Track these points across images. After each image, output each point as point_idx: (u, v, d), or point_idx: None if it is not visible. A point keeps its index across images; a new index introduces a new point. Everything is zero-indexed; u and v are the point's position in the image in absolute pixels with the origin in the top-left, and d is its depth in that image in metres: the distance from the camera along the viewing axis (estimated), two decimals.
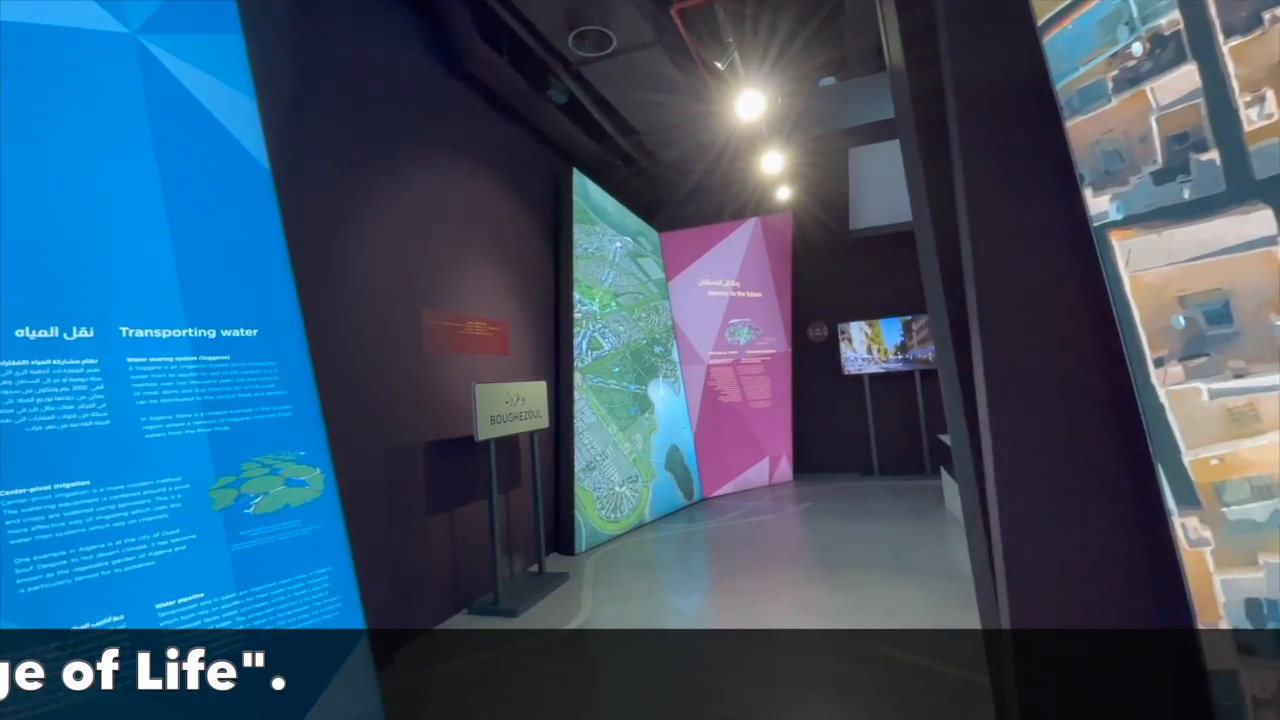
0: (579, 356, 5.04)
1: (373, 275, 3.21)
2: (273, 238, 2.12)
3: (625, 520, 5.26)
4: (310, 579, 2.03)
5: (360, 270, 3.13)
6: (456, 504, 3.76)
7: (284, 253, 2.13)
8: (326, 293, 2.89)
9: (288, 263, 2.13)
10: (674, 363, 6.33)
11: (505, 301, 4.47)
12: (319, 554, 2.06)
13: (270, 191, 2.14)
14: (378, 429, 3.15)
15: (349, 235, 3.06)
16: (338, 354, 2.93)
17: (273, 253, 2.11)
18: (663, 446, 5.92)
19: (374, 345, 3.19)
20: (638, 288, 5.95)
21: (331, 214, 2.95)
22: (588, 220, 5.36)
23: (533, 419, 4.11)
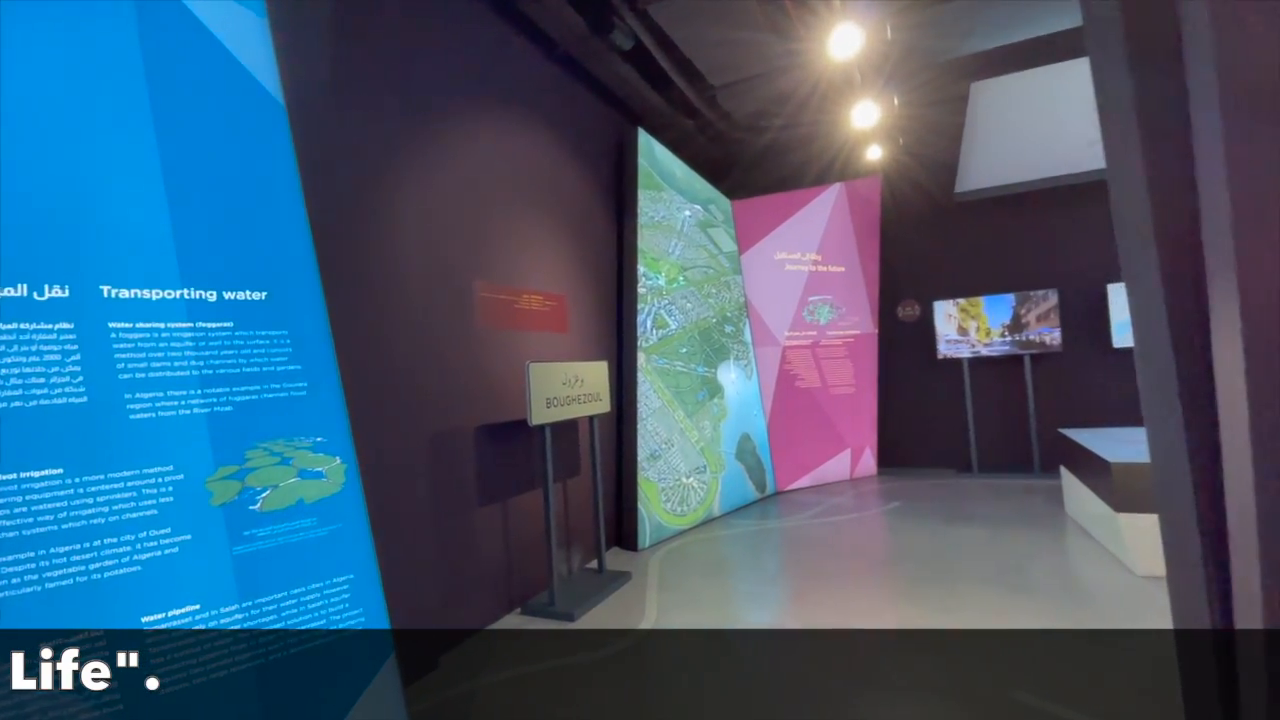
0: (643, 335, 4.65)
1: (417, 240, 2.91)
2: (286, 185, 1.81)
3: (692, 514, 4.87)
4: (327, 588, 1.74)
5: (401, 234, 2.83)
6: (510, 494, 3.46)
7: (299, 203, 1.82)
8: (361, 258, 2.60)
9: (304, 215, 1.82)
10: (746, 344, 5.85)
11: (563, 274, 4.12)
12: (338, 558, 1.76)
13: (284, 131, 1.82)
14: (422, 411, 2.86)
15: (387, 193, 2.76)
16: (376, 327, 2.65)
17: (286, 202, 1.80)
18: (733, 435, 5.48)
19: (419, 318, 2.90)
20: (707, 261, 5.49)
21: (365, 169, 2.65)
22: (654, 186, 4.93)
23: (593, 402, 3.76)
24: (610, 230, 4.78)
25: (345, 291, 2.42)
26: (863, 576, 3.65)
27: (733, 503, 5.33)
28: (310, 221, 1.84)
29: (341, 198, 2.48)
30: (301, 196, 1.83)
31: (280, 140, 1.81)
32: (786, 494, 5.90)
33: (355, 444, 1.82)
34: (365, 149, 2.64)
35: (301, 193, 1.83)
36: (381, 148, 2.74)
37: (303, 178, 2.12)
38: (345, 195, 2.51)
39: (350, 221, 2.53)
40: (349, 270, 2.48)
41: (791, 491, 5.96)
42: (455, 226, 3.19)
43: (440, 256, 3.07)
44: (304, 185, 2.10)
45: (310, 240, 1.83)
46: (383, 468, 2.59)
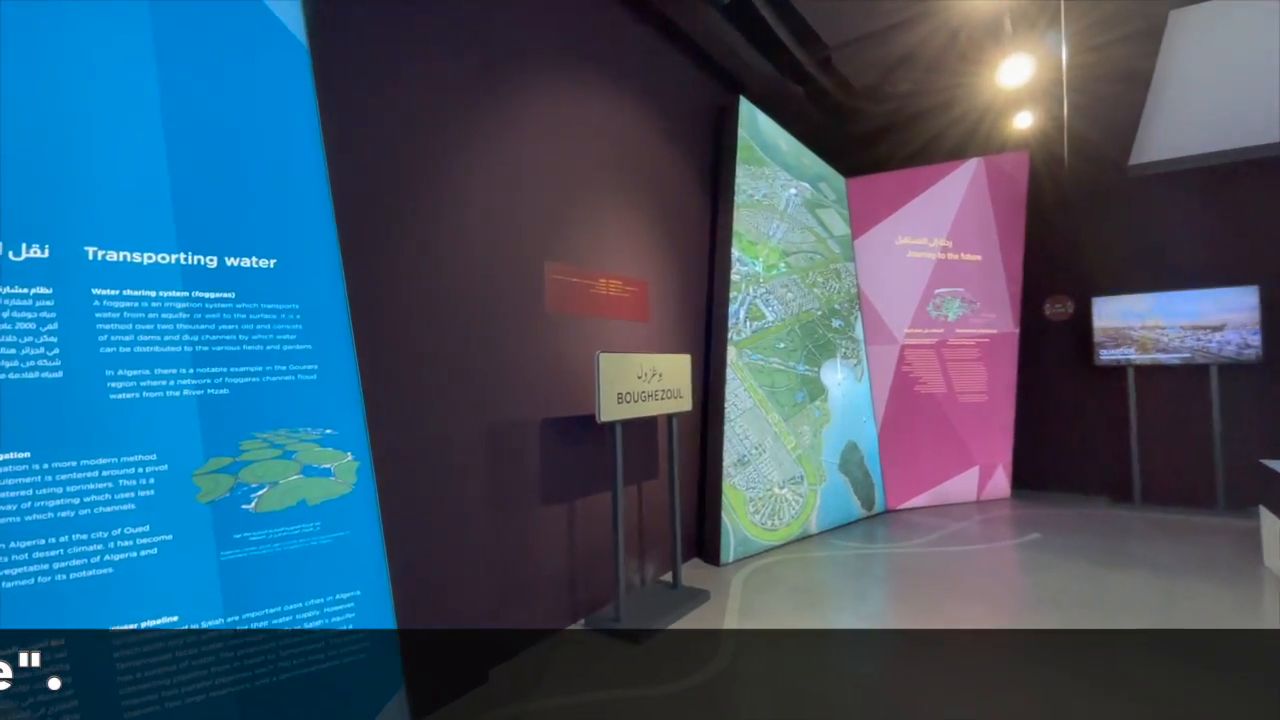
0: (735, 327, 4.22)
1: (479, 214, 2.68)
2: (305, 139, 1.59)
3: (785, 530, 4.39)
4: (329, 605, 1.51)
5: (460, 206, 2.61)
6: (577, 494, 3.19)
7: (319, 160, 1.60)
8: (407, 230, 2.39)
9: (324, 174, 1.59)
10: (857, 340, 5.24)
11: (647, 257, 3.79)
12: (343, 571, 1.53)
13: (306, 76, 1.60)
14: (480, 400, 2.64)
15: (446, 160, 2.54)
16: (431, 309, 2.45)
17: (304, 158, 1.59)
18: (837, 443, 4.91)
19: (481, 300, 2.68)
20: (814, 245, 4.94)
21: (421, 131, 2.44)
22: (755, 160, 4.47)
23: (671, 399, 3.40)
24: (703, 210, 4.38)
25: (385, 266, 2.22)
26: (991, 626, 3.04)
27: (833, 520, 4.79)
28: (343, 185, 1.63)
29: (387, 162, 2.28)
30: (322, 153, 1.61)
31: (300, 87, 1.60)
32: (898, 514, 5.25)
33: (378, 435, 1.58)
34: (424, 109, 2.43)
35: (323, 149, 1.60)
36: (443, 110, 2.52)
37: (337, 135, 1.92)
38: (391, 160, 2.31)
39: (396, 189, 2.32)
40: (392, 243, 2.28)
41: (904, 511, 5.30)
42: (525, 202, 2.94)
43: (506, 234, 2.83)
44: (337, 143, 1.90)
45: (329, 203, 1.60)
46: (428, 458, 2.39)
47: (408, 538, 2.26)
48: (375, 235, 2.20)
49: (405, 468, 2.28)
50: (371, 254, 2.18)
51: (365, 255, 2.12)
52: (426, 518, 2.39)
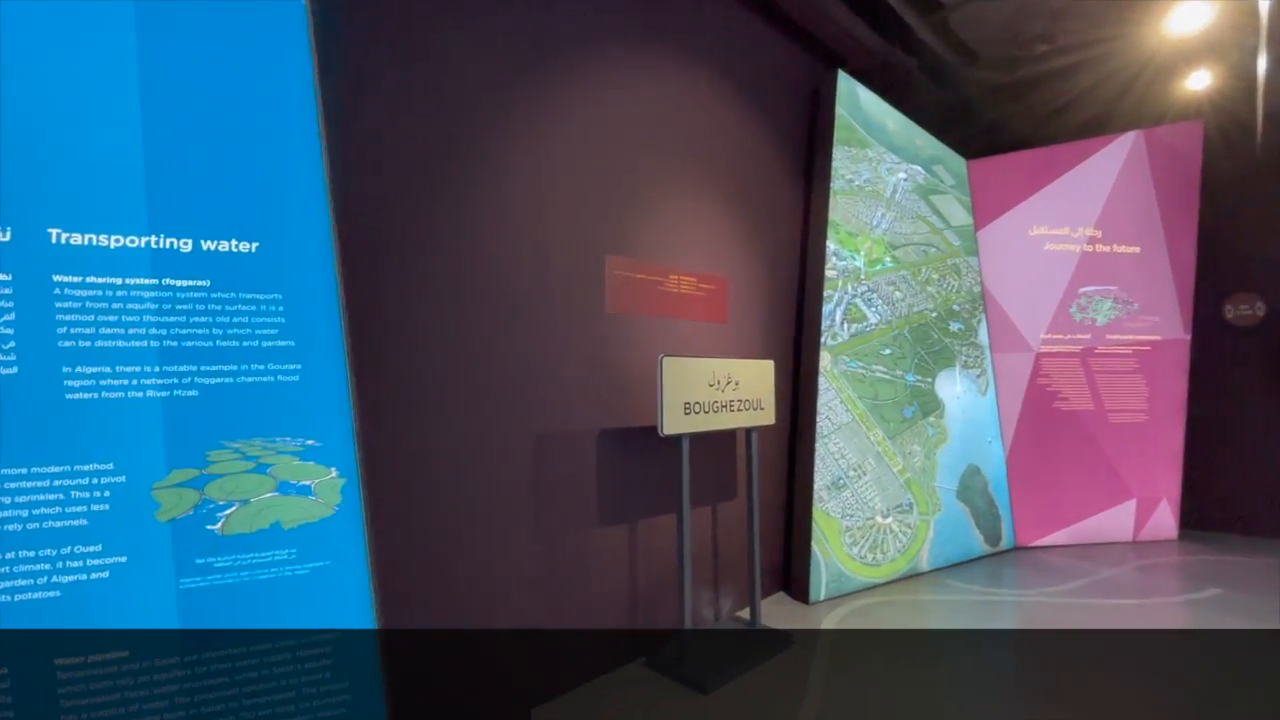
0: (830, 330, 3.77)
1: (526, 201, 2.47)
2: (297, 105, 1.41)
3: (889, 566, 3.86)
4: (302, 648, 1.31)
5: (503, 191, 2.40)
6: (641, 514, 2.91)
7: (313, 132, 1.42)
8: (437, 217, 2.21)
9: (318, 148, 1.41)
10: (980, 346, 4.59)
11: (726, 251, 3.44)
12: (321, 608, 1.33)
13: (302, 38, 1.43)
14: (526, 409, 2.42)
15: (486, 140, 2.34)
16: (471, 306, 2.25)
17: (295, 128, 1.41)
18: (955, 466, 4.30)
19: (533, 298, 2.47)
20: (928, 237, 4.37)
21: (458, 104, 2.25)
22: (856, 142, 4.00)
23: (750, 411, 3.04)
24: (794, 199, 3.97)
25: (409, 258, 2.04)
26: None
27: (949, 556, 4.18)
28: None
29: (415, 139, 2.11)
30: (317, 125, 1.43)
31: (295, 51, 1.43)
32: (1030, 552, 4.53)
33: (390, 445, 1.37)
34: (462, 82, 2.24)
35: (318, 120, 1.43)
36: (487, 83, 2.33)
37: (353, 105, 1.76)
38: (423, 137, 2.13)
39: (426, 170, 2.14)
40: (419, 233, 2.10)
41: (1038, 550, 4.57)
42: (584, 189, 2.70)
43: (561, 224, 2.60)
44: (352, 114, 1.73)
45: (322, 180, 1.42)
46: (460, 472, 2.19)
47: (432, 560, 2.06)
48: (397, 223, 2.03)
49: (430, 481, 2.09)
50: (392, 244, 2.01)
51: (385, 245, 1.96)
52: (456, 537, 2.18)
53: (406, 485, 2.01)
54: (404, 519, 1.98)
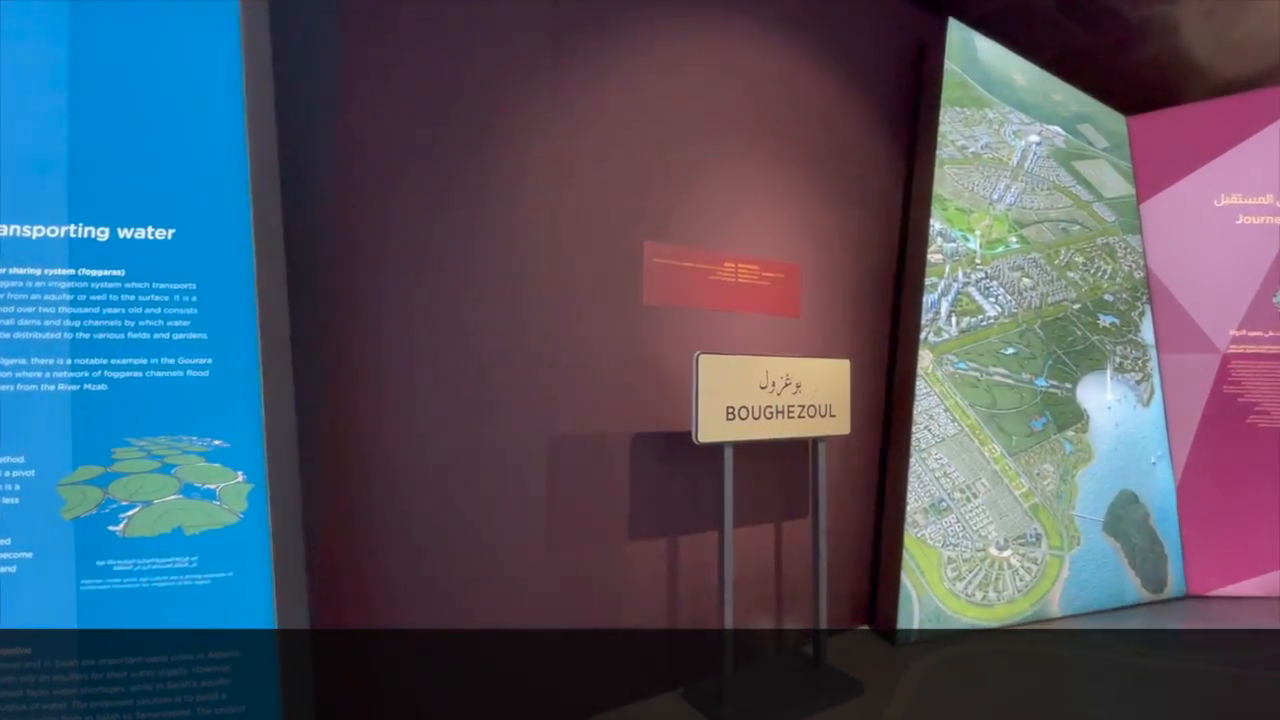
0: (933, 325, 3.27)
1: (549, 183, 2.32)
2: (220, 78, 1.35)
3: (1005, 607, 3.29)
4: (199, 665, 1.24)
5: (526, 177, 2.26)
6: (684, 528, 2.67)
7: (237, 104, 1.35)
8: (452, 205, 2.11)
9: (241, 121, 1.35)
10: (1142, 345, 3.80)
11: (799, 235, 3.08)
12: (221, 624, 1.25)
13: (231, 19, 1.37)
14: (542, 409, 2.28)
15: (502, 115, 2.21)
16: (471, 300, 2.14)
17: (218, 102, 1.35)
18: (1104, 492, 3.60)
19: (549, 289, 2.33)
20: (1069, 211, 3.68)
21: (462, 76, 2.13)
22: (973, 101, 3.44)
23: (816, 418, 2.68)
24: (892, 172, 3.48)
25: (456, 250, 1.96)
26: None
27: (1091, 601, 3.50)
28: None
29: (417, 111, 2.02)
30: (241, 110, 1.36)
31: (222, 16, 1.37)
32: (1207, 603, 3.68)
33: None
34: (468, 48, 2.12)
35: (242, 93, 1.36)
36: (490, 40, 2.18)
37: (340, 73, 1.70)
38: (425, 108, 2.04)
39: (417, 148, 2.05)
40: (461, 221, 2.01)
41: (1218, 600, 3.70)
42: (618, 167, 2.51)
43: (587, 208, 2.42)
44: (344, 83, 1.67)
45: (245, 156, 1.35)
46: (459, 474, 2.08)
47: (407, 573, 1.97)
48: (376, 211, 1.95)
49: (408, 485, 2.00)
50: (370, 234, 1.93)
51: (359, 236, 1.89)
52: (449, 547, 2.08)
53: (379, 491, 1.94)
54: (370, 526, 1.91)
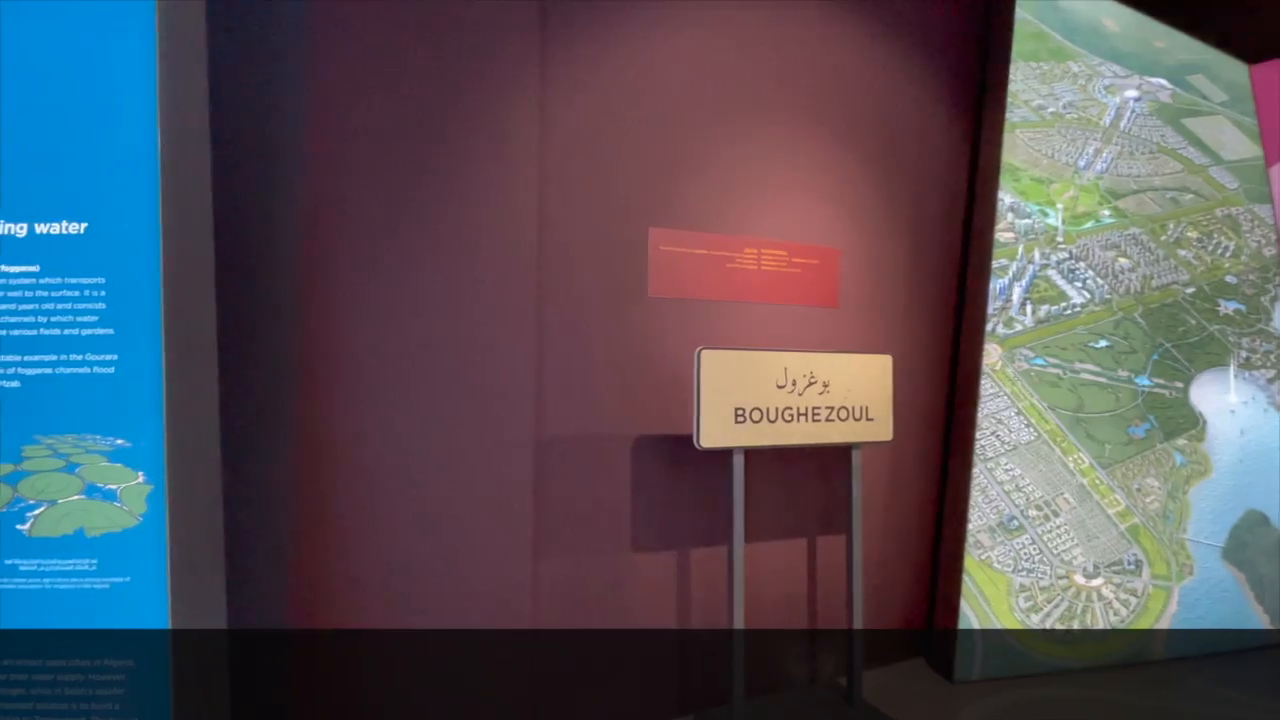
0: (1002, 315, 2.92)
1: (533, 166, 2.22)
2: (133, 69, 1.34)
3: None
4: (95, 673, 1.23)
5: (521, 159, 2.17)
6: (698, 540, 2.50)
7: (150, 89, 1.34)
8: (451, 192, 2.05)
9: (154, 107, 1.33)
10: (1275, 336, 3.25)
11: (840, 214, 2.83)
12: (118, 631, 1.23)
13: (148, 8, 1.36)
14: (525, 409, 2.18)
15: (496, 96, 2.13)
16: (475, 294, 2.08)
17: (129, 96, 1.34)
18: (1224, 512, 3.10)
19: (552, 282, 2.24)
20: (1179, 178, 3.19)
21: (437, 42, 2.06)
22: (1051, 53, 3.05)
23: (849, 422, 2.45)
24: (954, 137, 3.14)
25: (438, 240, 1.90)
26: None
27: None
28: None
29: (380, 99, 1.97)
30: (154, 99, 1.34)
31: (136, 11, 1.36)
32: None
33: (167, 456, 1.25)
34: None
35: (155, 95, 1.34)
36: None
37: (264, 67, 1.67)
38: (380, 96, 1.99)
39: (390, 136, 2.00)
40: (383, 208, 1.96)
41: None
42: (619, 145, 2.37)
43: (581, 191, 2.30)
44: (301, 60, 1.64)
45: (155, 145, 1.33)
46: (446, 473, 2.02)
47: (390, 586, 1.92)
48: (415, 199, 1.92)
49: (402, 489, 1.95)
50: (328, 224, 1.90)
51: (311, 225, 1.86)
52: (424, 556, 2.02)
53: (351, 496, 1.90)
54: (341, 533, 1.87)
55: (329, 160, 1.90)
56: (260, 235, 1.80)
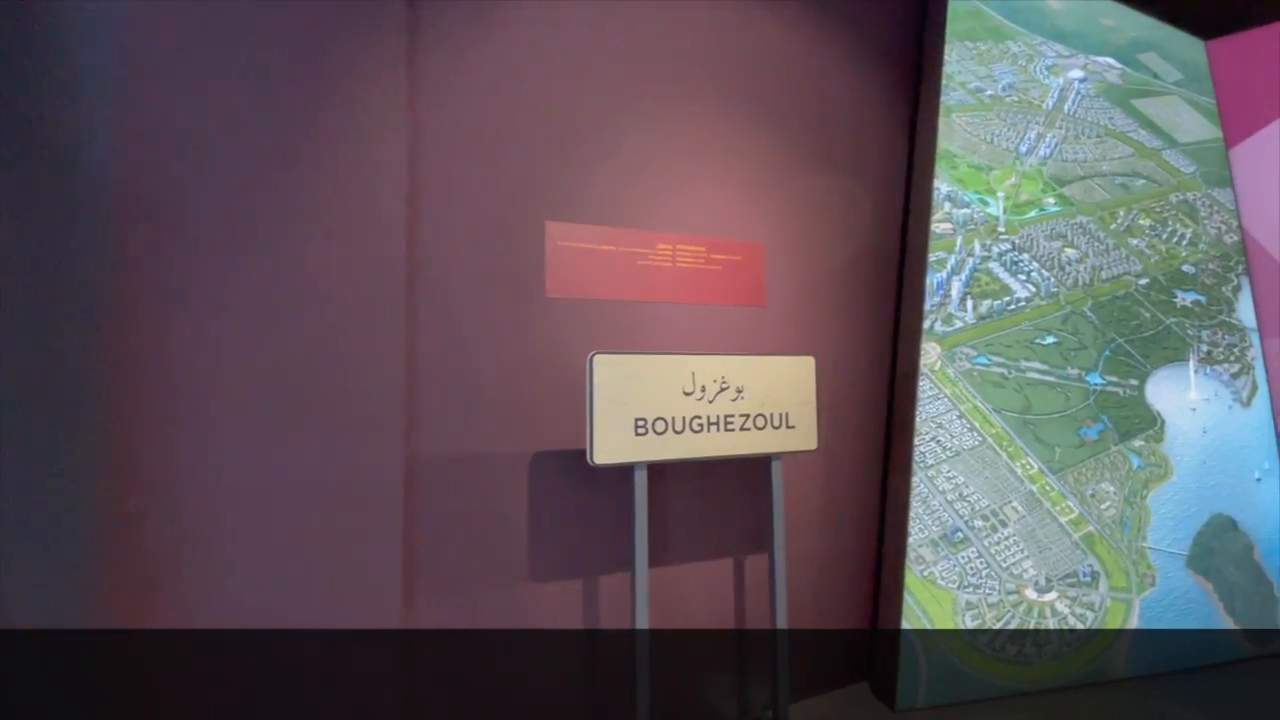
0: (940, 311, 2.79)
1: (419, 155, 2.06)
2: None
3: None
4: None
5: (389, 144, 2.01)
6: (610, 565, 2.34)
7: None
8: (300, 184, 1.89)
9: None
10: (1238, 329, 3.15)
11: (764, 206, 2.69)
12: None
13: None
14: (390, 425, 2.01)
15: (353, 77, 1.97)
16: (330, 298, 1.91)
17: None
18: (1188, 516, 2.98)
19: (430, 282, 2.08)
20: (1129, 162, 3.09)
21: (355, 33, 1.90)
22: (989, 32, 2.94)
23: (768, 431, 2.30)
24: (891, 124, 3.01)
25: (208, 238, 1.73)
26: None
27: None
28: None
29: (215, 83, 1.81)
30: None
31: None
32: None
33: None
34: None
35: None
36: None
37: None
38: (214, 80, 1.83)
39: (229, 121, 1.83)
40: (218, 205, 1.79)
41: None
42: (509, 133, 2.22)
43: (465, 182, 2.15)
44: None
45: None
46: (292, 506, 1.84)
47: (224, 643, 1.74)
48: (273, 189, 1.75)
49: (231, 526, 1.78)
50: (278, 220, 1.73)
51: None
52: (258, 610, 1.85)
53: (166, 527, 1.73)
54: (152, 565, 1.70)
55: (149, 151, 1.73)
56: (63, 229, 1.63)
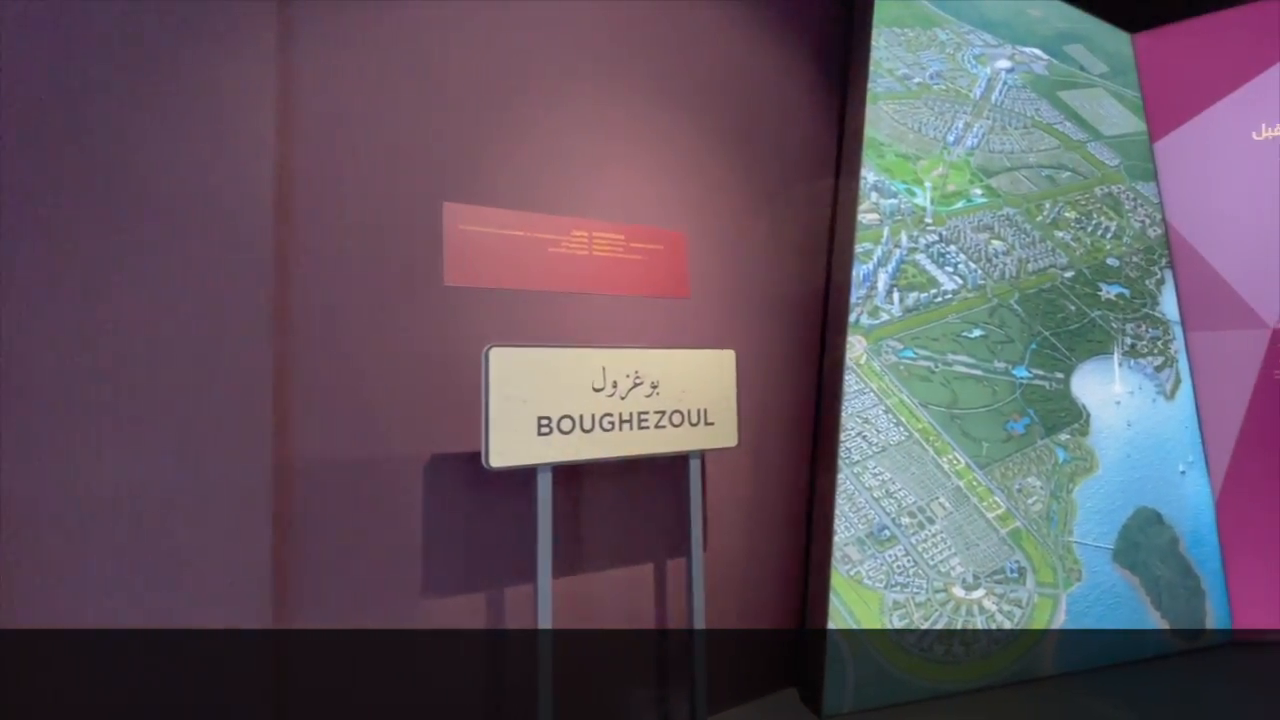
0: (867, 304, 2.74)
1: (293, 131, 1.90)
2: None
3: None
4: None
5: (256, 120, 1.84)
6: (517, 576, 2.21)
7: None
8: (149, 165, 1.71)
9: None
10: (1161, 322, 3.20)
11: (685, 193, 2.61)
12: None
13: None
14: (282, 427, 1.85)
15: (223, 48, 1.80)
16: (186, 286, 1.74)
17: None
18: (1113, 510, 3.01)
19: (306, 270, 1.92)
20: (1055, 155, 3.11)
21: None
22: (917, 19, 2.91)
23: (685, 428, 2.21)
24: (818, 111, 2.96)
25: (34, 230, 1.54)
26: None
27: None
28: None
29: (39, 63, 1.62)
30: None
31: None
32: (1261, 651, 3.03)
33: None
34: None
35: None
36: None
37: None
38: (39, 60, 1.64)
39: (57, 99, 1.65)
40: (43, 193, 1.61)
41: (1275, 646, 3.05)
42: (405, 109, 2.08)
43: (353, 162, 2.00)
44: None
45: None
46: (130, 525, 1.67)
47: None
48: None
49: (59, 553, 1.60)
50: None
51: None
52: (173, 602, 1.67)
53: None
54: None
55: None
56: None
